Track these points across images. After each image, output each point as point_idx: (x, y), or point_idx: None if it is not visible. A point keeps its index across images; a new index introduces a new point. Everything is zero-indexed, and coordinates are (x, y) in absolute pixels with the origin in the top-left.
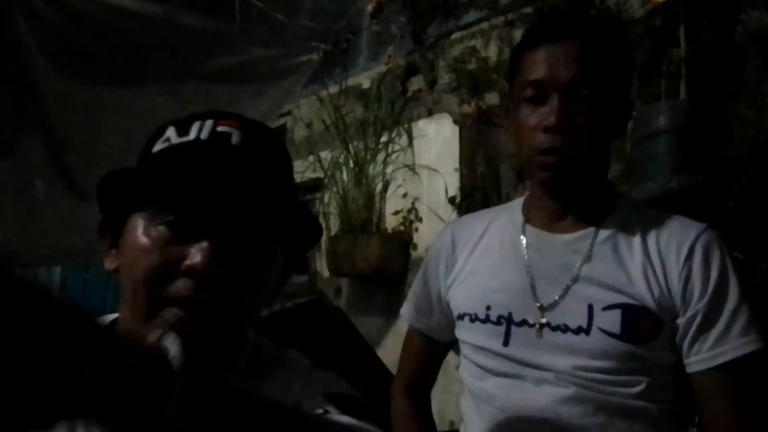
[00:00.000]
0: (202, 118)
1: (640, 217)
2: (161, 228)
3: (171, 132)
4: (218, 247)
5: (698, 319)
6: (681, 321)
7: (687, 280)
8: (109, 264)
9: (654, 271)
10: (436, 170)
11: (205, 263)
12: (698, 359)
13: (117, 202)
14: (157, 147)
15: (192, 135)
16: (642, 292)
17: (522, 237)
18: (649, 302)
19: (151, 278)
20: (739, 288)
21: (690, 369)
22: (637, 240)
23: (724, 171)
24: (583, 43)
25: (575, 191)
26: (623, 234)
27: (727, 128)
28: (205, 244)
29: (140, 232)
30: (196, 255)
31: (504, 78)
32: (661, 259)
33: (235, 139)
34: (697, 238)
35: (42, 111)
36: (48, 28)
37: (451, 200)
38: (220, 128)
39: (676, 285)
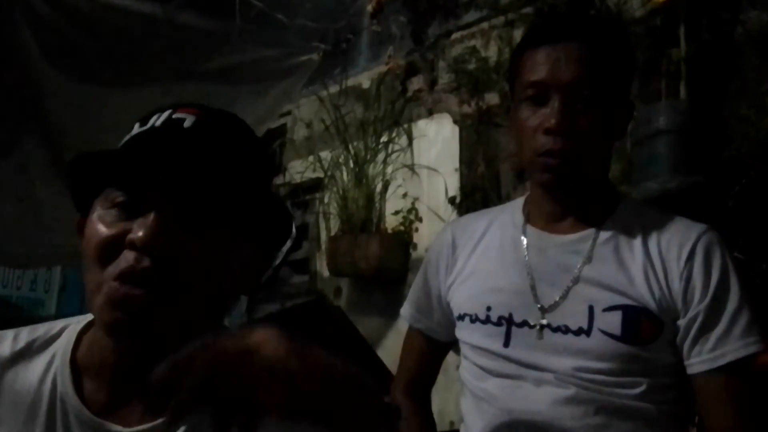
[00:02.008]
0: (164, 109)
1: (641, 218)
2: (112, 210)
3: (136, 126)
4: (163, 221)
5: (699, 320)
6: (682, 322)
7: (688, 282)
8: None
9: (655, 272)
10: (436, 170)
11: (148, 235)
12: (699, 360)
13: (83, 193)
14: (122, 141)
15: (149, 124)
16: (643, 293)
17: (522, 237)
18: (650, 303)
19: (100, 256)
20: (739, 290)
21: (691, 370)
22: (637, 241)
23: (724, 171)
24: (584, 44)
25: (576, 192)
26: (624, 235)
27: (727, 128)
28: (149, 217)
29: (94, 216)
30: (138, 229)
31: (504, 78)
32: (662, 260)
33: (187, 123)
34: (698, 239)
35: (42, 110)
36: (48, 28)
37: (451, 200)
38: (175, 115)
39: (677, 286)
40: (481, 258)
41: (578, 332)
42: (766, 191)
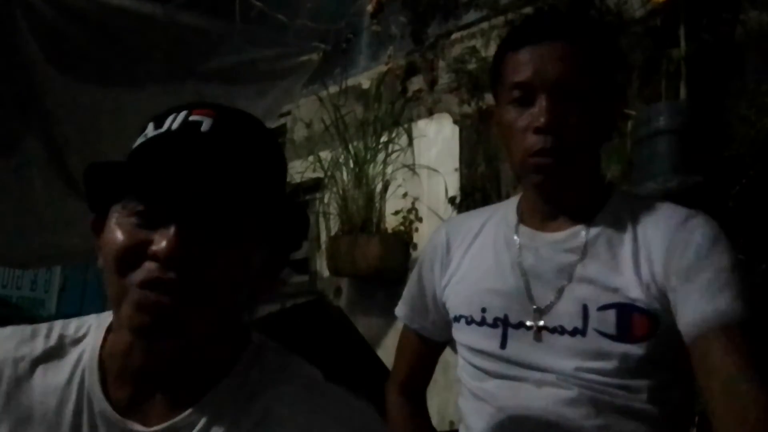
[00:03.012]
0: (179, 110)
1: (632, 209)
2: (132, 218)
3: (150, 126)
4: (184, 232)
5: (687, 280)
6: (672, 295)
7: (670, 251)
8: (99, 261)
9: (641, 258)
10: (436, 170)
11: (170, 248)
12: (691, 320)
13: (99, 197)
14: (137, 142)
15: (165, 127)
16: (633, 287)
17: (515, 237)
18: (641, 297)
19: (120, 264)
20: (729, 253)
21: (685, 332)
22: (627, 232)
23: (724, 171)
24: (566, 42)
25: (569, 190)
26: (614, 229)
27: (727, 128)
28: (170, 229)
29: (113, 223)
30: (161, 240)
31: None
32: (647, 244)
33: (205, 126)
34: (683, 218)
35: (42, 111)
36: (48, 28)
37: (451, 200)
38: (192, 118)
39: (659, 258)
40: (475, 258)
41: (573, 333)
42: (766, 191)
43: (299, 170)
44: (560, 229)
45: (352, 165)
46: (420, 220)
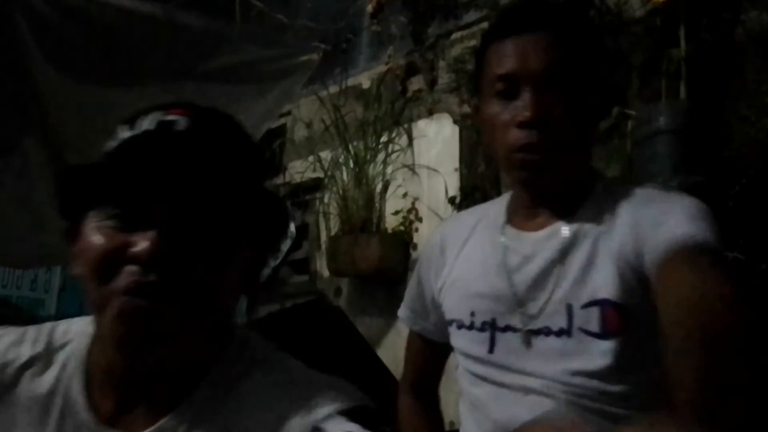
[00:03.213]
0: (152, 110)
1: (615, 199)
2: (108, 222)
3: (123, 128)
4: (164, 234)
5: (651, 225)
6: (644, 250)
7: (638, 221)
8: (74, 269)
9: (615, 246)
10: (436, 170)
11: (151, 250)
12: (658, 247)
13: (72, 204)
14: (110, 145)
15: (139, 128)
16: (609, 280)
17: (502, 238)
18: (616, 290)
19: (99, 270)
20: (701, 205)
21: (652, 268)
22: (605, 225)
23: (724, 171)
24: (549, 33)
25: (556, 186)
26: (594, 223)
27: (727, 128)
28: (150, 232)
29: (90, 228)
30: (140, 243)
31: None
32: (621, 230)
33: (180, 125)
34: (655, 194)
35: (42, 111)
36: (48, 28)
37: (451, 200)
38: (167, 117)
39: (629, 233)
40: (465, 261)
41: (559, 333)
42: (766, 191)
43: (299, 170)
44: (543, 226)
45: (352, 165)
46: (420, 220)
